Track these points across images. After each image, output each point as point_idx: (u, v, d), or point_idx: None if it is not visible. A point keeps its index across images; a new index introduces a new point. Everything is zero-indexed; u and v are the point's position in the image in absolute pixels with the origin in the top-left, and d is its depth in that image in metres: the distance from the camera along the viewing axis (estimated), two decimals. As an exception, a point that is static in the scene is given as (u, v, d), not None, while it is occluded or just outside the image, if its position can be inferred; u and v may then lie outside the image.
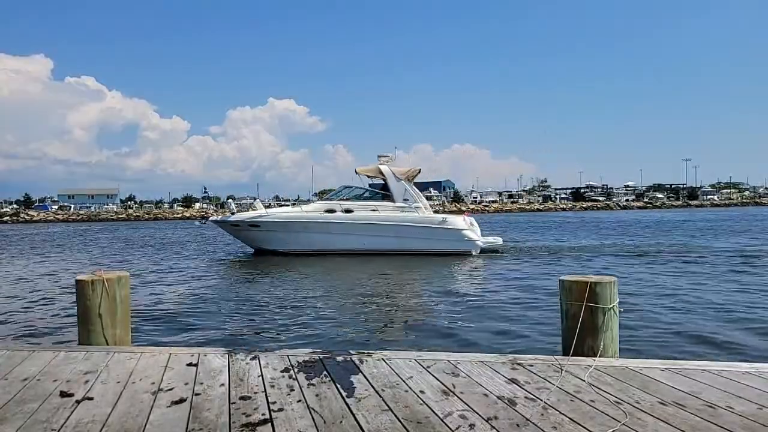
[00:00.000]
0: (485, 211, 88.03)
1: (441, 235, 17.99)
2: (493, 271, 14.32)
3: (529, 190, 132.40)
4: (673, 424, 2.68)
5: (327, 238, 18.52)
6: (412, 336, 7.32)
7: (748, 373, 3.47)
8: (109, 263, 18.38)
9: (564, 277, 4.11)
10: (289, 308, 9.40)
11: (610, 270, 13.49)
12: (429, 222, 18.24)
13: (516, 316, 8.35)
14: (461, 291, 11.06)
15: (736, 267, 13.90)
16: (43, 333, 7.83)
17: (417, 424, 2.71)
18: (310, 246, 18.53)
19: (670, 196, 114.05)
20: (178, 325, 8.17)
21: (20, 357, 3.96)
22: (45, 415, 2.85)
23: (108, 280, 4.34)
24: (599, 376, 3.44)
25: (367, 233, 18.23)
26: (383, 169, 18.86)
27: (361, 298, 10.50)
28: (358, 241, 18.27)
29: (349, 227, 18.37)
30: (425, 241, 17.97)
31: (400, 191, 18.66)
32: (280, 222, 18.90)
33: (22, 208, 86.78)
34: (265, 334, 7.55)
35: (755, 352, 6.12)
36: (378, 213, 18.46)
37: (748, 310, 8.48)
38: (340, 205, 18.82)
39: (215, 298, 10.56)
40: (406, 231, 18.13)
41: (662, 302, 9.25)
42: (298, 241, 18.69)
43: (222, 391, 3.22)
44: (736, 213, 59.55)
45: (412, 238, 18.05)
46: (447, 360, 3.82)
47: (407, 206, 18.49)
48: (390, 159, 19.86)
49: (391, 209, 18.50)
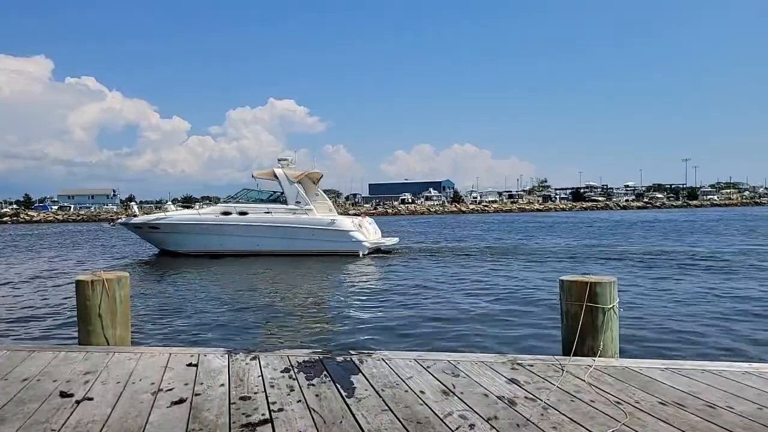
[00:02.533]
0: (485, 211, 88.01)
1: (329, 237, 18.70)
2: (367, 270, 15.21)
3: (529, 190, 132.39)
4: (673, 424, 2.68)
5: (222, 239, 19.27)
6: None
7: (748, 373, 3.47)
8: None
9: (564, 278, 4.11)
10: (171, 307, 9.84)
11: (471, 270, 14.55)
12: (318, 224, 18.91)
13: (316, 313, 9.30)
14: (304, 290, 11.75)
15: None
16: (43, 333, 7.84)
17: (417, 425, 2.71)
18: (206, 247, 19.27)
19: (669, 197, 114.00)
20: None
21: (20, 357, 3.95)
22: (45, 416, 2.85)
23: (108, 281, 4.34)
24: (599, 377, 3.44)
25: (259, 235, 19.03)
26: (277, 172, 19.60)
27: (241, 295, 11.08)
28: (251, 242, 19.01)
29: (242, 229, 19.14)
30: (314, 242, 18.71)
31: (293, 194, 19.39)
32: (178, 224, 19.72)
33: (22, 209, 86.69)
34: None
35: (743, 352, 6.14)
36: (271, 215, 19.21)
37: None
38: (235, 208, 19.64)
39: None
40: (296, 232, 18.91)
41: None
42: (196, 243, 19.48)
43: (222, 392, 3.22)
44: (724, 213, 59.38)
45: (302, 239, 18.81)
46: (447, 360, 3.82)
47: (299, 208, 19.23)
48: (289, 162, 20.59)
49: (284, 211, 19.26)
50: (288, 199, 19.36)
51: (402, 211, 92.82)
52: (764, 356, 5.86)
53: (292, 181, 19.37)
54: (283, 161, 20.41)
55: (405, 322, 8.17)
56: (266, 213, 19.24)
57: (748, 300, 9.35)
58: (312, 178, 20.86)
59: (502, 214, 77.24)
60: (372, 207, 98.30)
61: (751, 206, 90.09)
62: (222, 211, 19.70)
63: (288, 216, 19.05)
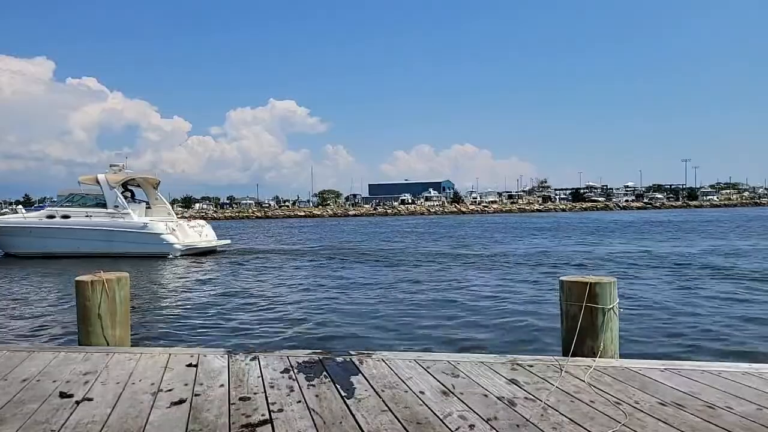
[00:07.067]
0: (485, 212, 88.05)
1: (143, 239, 19.59)
2: (170, 270, 16.11)
3: (529, 190, 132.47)
4: (673, 425, 2.68)
5: (46, 241, 20.14)
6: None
7: (748, 374, 3.47)
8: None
9: (564, 278, 4.12)
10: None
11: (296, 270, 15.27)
12: (132, 227, 19.85)
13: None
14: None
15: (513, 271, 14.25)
16: (42, 333, 7.83)
17: (417, 425, 2.71)
18: (31, 249, 20.15)
19: (669, 197, 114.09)
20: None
21: (20, 357, 3.95)
22: (44, 416, 2.85)
23: (107, 281, 4.34)
24: (599, 377, 3.45)
25: (80, 237, 19.91)
26: (99, 178, 20.58)
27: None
28: (73, 244, 19.83)
29: (64, 232, 20.08)
30: (129, 244, 19.60)
31: (112, 198, 20.29)
32: (2, 227, 20.81)
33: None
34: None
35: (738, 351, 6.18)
36: (90, 218, 20.17)
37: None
38: (58, 212, 20.63)
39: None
40: (113, 235, 19.82)
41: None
42: (21, 245, 20.44)
43: (222, 392, 3.22)
44: (717, 214, 59.52)
45: (117, 242, 19.73)
46: (447, 360, 3.82)
47: (116, 212, 20.14)
48: (120, 168, 21.80)
49: (103, 215, 20.22)
50: (108, 204, 20.27)
51: (402, 211, 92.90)
52: (764, 356, 5.86)
53: (112, 186, 20.33)
54: (115, 166, 21.69)
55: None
56: (87, 217, 20.21)
57: (748, 300, 9.36)
58: (151, 183, 22.74)
59: (501, 215, 77.29)
60: (372, 207, 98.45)
61: (751, 207, 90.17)
62: (47, 215, 20.73)
63: (106, 219, 20.05)
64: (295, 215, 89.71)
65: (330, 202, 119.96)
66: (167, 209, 22.84)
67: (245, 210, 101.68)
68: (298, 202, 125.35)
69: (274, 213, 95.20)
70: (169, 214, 22.42)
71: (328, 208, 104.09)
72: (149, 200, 22.64)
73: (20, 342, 7.21)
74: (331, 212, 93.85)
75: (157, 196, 22.80)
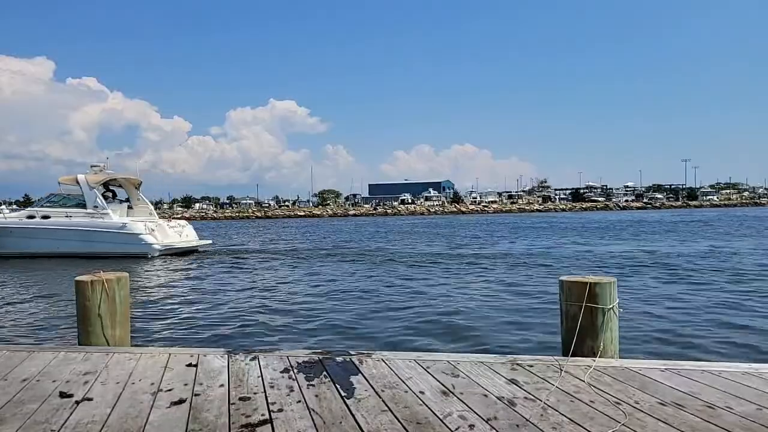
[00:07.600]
0: (485, 212, 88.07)
1: (121, 239, 19.63)
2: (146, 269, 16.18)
3: (529, 190, 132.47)
4: (673, 425, 2.68)
5: (27, 242, 20.22)
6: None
7: (748, 374, 3.47)
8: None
9: (564, 278, 4.12)
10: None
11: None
12: (110, 227, 19.87)
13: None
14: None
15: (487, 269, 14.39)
16: (42, 333, 7.83)
17: (417, 425, 2.71)
18: (13, 249, 20.13)
19: (669, 197, 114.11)
20: None
21: (19, 357, 3.95)
22: (44, 416, 2.85)
23: (107, 281, 4.34)
24: (599, 377, 3.44)
25: (59, 237, 19.94)
26: (79, 178, 20.67)
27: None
28: (53, 244, 19.90)
29: (44, 232, 20.12)
30: (107, 244, 19.65)
31: (92, 198, 20.37)
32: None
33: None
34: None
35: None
36: (70, 219, 20.20)
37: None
38: (38, 212, 20.74)
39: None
40: (92, 235, 19.83)
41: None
42: (3, 245, 20.30)
43: (221, 392, 3.22)
44: (717, 214, 59.49)
45: (97, 242, 19.75)
46: (446, 360, 3.82)
47: (96, 213, 20.20)
48: (102, 168, 21.79)
49: (82, 215, 20.26)
50: (87, 204, 20.32)
51: (402, 211, 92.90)
52: (764, 356, 5.86)
53: (92, 187, 20.41)
54: (95, 167, 21.72)
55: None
56: (66, 217, 20.26)
57: (748, 300, 9.36)
58: (133, 184, 22.89)
59: (501, 215, 77.27)
60: (372, 207, 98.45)
61: (751, 207, 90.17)
62: (27, 215, 20.88)
63: (85, 219, 20.08)
64: (295, 215, 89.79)
65: (330, 202, 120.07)
66: (149, 209, 22.97)
67: (245, 210, 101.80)
68: (298, 202, 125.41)
69: (274, 213, 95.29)
70: (150, 214, 22.56)
71: (328, 208, 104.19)
72: (131, 200, 22.71)
73: (19, 341, 7.21)
74: (331, 212, 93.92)
75: (139, 197, 22.92)
